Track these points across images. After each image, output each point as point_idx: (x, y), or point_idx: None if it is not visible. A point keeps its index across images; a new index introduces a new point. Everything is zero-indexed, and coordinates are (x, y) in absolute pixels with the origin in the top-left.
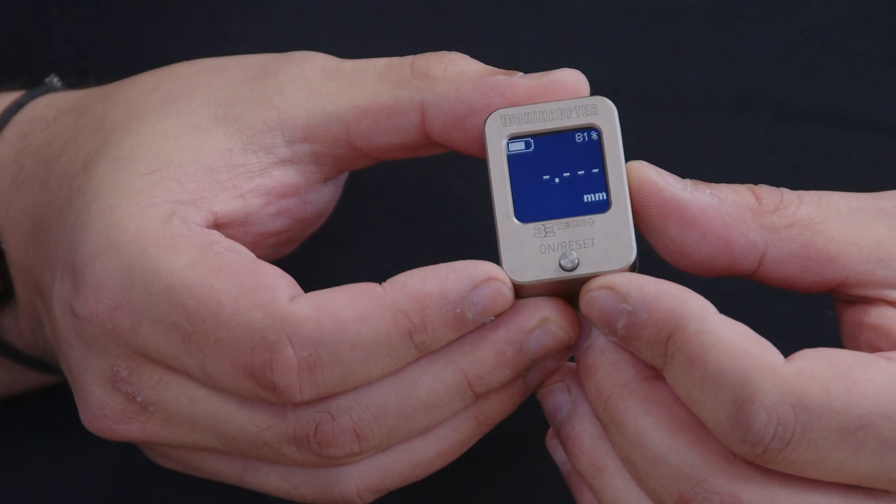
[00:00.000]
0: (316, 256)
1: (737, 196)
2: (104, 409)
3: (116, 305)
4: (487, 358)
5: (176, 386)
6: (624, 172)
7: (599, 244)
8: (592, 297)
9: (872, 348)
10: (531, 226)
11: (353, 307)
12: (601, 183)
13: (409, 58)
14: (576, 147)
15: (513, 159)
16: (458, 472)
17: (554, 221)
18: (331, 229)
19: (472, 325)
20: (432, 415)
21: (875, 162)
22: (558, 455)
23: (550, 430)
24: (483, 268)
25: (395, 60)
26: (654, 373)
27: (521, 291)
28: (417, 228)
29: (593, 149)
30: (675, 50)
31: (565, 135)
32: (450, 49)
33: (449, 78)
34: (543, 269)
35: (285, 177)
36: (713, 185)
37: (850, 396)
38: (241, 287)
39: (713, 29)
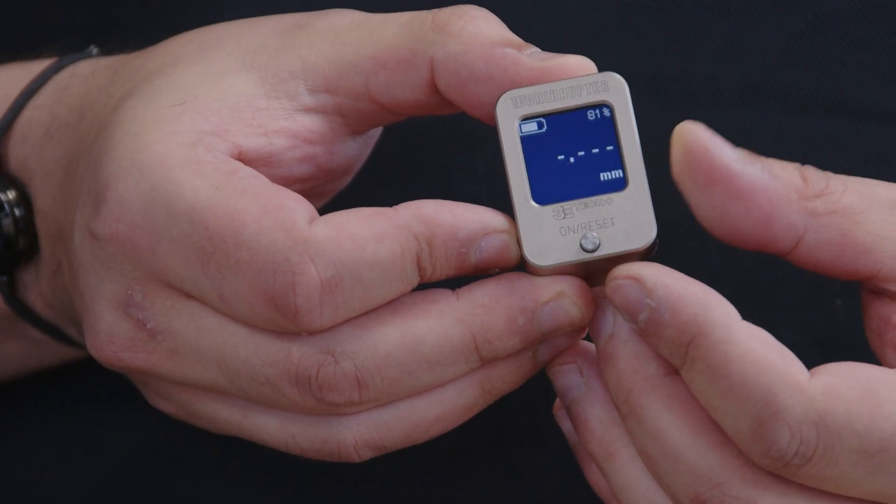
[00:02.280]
0: None
1: (785, 175)
2: (112, 336)
3: (136, 225)
4: (498, 323)
5: (187, 314)
6: (639, 148)
7: (619, 223)
8: (618, 285)
9: None
10: (549, 208)
11: (368, 226)
12: (617, 160)
13: (434, 10)
14: (589, 125)
15: (526, 141)
16: (462, 461)
17: (572, 202)
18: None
19: (472, 270)
20: (436, 372)
21: (883, 152)
22: (566, 425)
23: (557, 401)
24: (500, 217)
25: (421, 13)
26: (675, 369)
27: (541, 273)
28: None
29: (606, 125)
30: (682, 41)
31: (577, 113)
32: None
33: (462, 38)
34: (564, 251)
35: (311, 123)
36: (764, 159)
37: (873, 419)
38: (264, 207)
39: (720, 20)
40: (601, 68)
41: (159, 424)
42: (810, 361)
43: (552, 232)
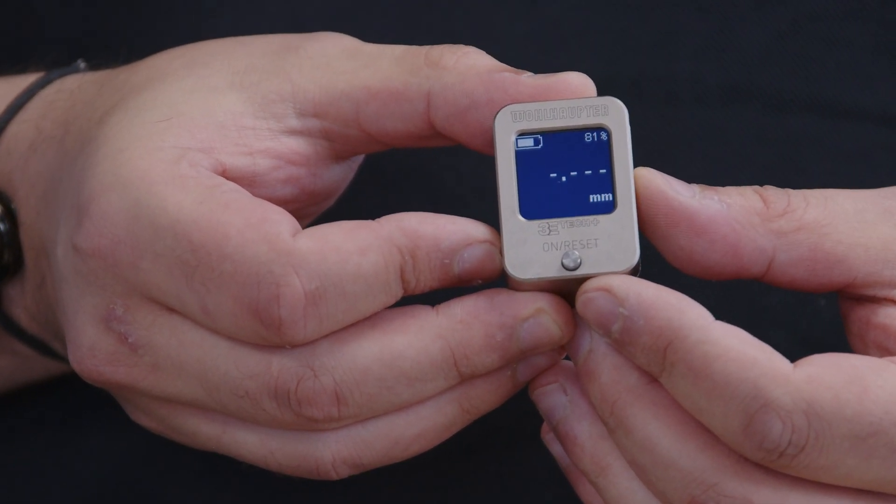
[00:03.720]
0: None
1: (745, 201)
2: (94, 350)
3: (119, 240)
4: (477, 338)
5: (169, 328)
6: (631, 175)
7: (603, 245)
8: (589, 298)
9: (880, 348)
10: (535, 223)
11: (352, 239)
12: (608, 184)
13: (427, 47)
14: (584, 147)
15: (521, 155)
16: (454, 463)
17: (558, 220)
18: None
19: (455, 282)
20: (415, 388)
21: (863, 151)
22: (556, 448)
23: (545, 425)
24: (482, 228)
25: (414, 48)
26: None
27: (521, 288)
28: None
29: (602, 149)
30: (664, 42)
31: (575, 134)
32: (445, 43)
33: (458, 70)
34: (545, 267)
35: (295, 145)
36: (720, 189)
37: (862, 403)
38: (247, 220)
39: (702, 20)
40: (585, 69)
41: (144, 435)
42: (797, 360)
43: (535, 247)
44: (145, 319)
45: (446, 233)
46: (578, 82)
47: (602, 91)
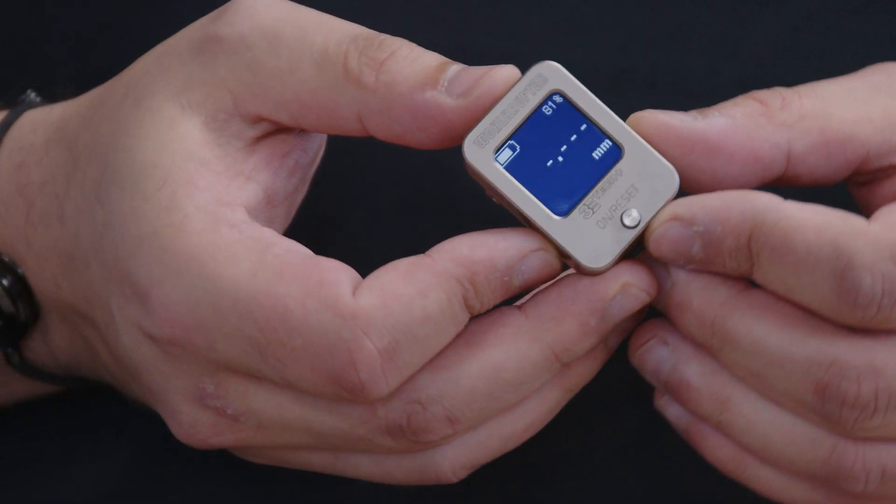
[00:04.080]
0: (323, 243)
1: (745, 108)
2: (196, 426)
3: (189, 327)
4: (572, 331)
5: (263, 394)
6: (610, 111)
7: (641, 185)
8: (660, 235)
9: None
10: (575, 213)
11: (410, 283)
12: (598, 133)
13: (343, 51)
14: (552, 119)
15: (511, 168)
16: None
17: (589, 196)
18: (337, 217)
19: (518, 292)
20: (521, 391)
21: None
22: (671, 411)
23: (657, 392)
24: (534, 239)
25: (331, 50)
26: (743, 284)
27: (604, 272)
28: (424, 215)
29: (567, 110)
30: (678, 36)
31: (536, 115)
32: (457, 39)
33: (381, 91)
34: (615, 241)
35: (271, 145)
36: (717, 106)
37: None
38: (304, 288)
39: (716, 14)
40: (599, 63)
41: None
42: None
43: (592, 232)
44: (237, 390)
45: (500, 252)
46: (503, 80)
47: (616, 85)
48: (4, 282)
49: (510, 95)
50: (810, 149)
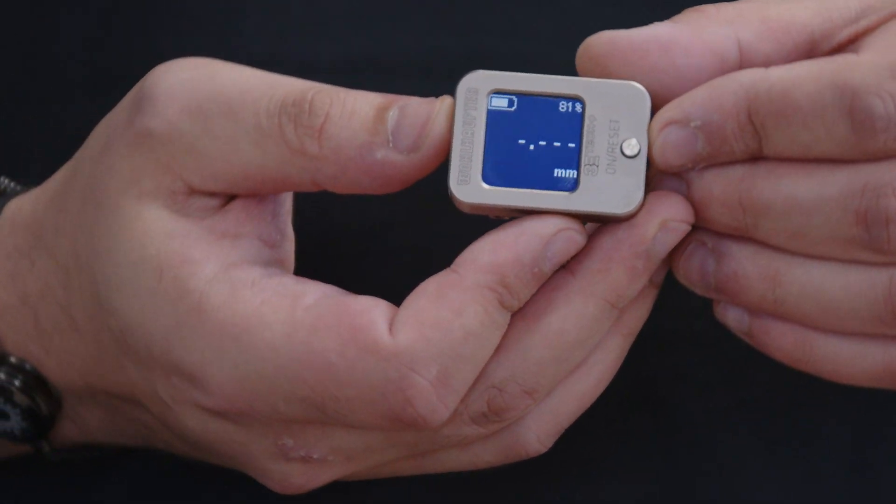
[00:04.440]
0: (338, 252)
1: (683, 16)
2: (289, 478)
3: (248, 399)
4: (621, 277)
5: (341, 433)
6: (548, 76)
7: (619, 115)
8: (662, 144)
9: None
10: (583, 178)
11: (443, 305)
12: (552, 101)
13: (276, 125)
14: (506, 116)
15: (504, 181)
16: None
17: (583, 155)
18: (351, 224)
19: (549, 274)
20: (586, 347)
21: None
22: (731, 316)
23: (714, 303)
24: (550, 221)
25: (264, 125)
26: (752, 159)
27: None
28: (441, 222)
29: (513, 100)
30: None
31: (491, 124)
32: (466, 42)
33: (330, 159)
34: (632, 176)
35: (242, 203)
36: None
37: None
38: (341, 339)
39: None
40: None
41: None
42: None
43: (608, 183)
44: (315, 437)
45: (523, 247)
46: (447, 112)
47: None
48: (17, 382)
49: (458, 125)
50: (757, 36)
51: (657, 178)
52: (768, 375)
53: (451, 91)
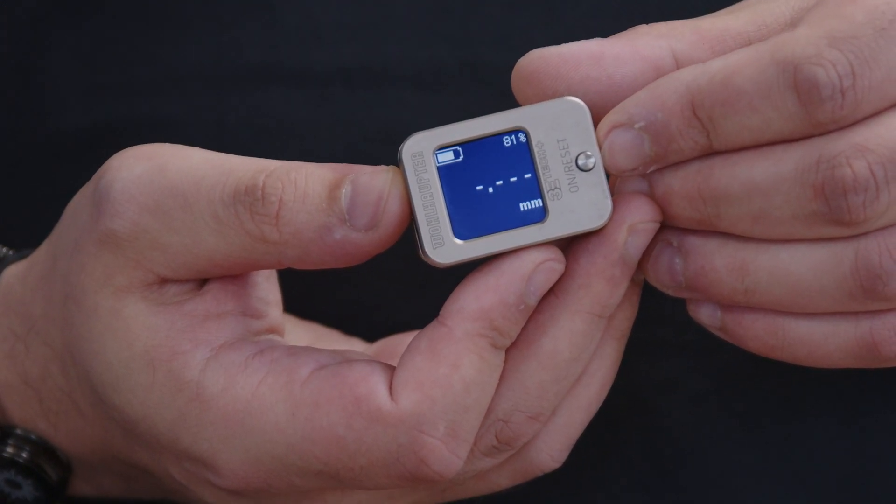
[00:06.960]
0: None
1: (615, 34)
2: None
3: (264, 478)
4: (603, 288)
5: (359, 493)
6: (483, 118)
7: (564, 132)
8: (609, 149)
9: None
10: (549, 205)
11: (439, 362)
12: (495, 139)
13: (233, 216)
14: (455, 168)
15: (476, 231)
16: None
17: (543, 182)
18: None
19: (535, 306)
20: (582, 361)
21: None
22: (704, 312)
23: (687, 302)
24: (528, 258)
25: (221, 216)
26: (705, 153)
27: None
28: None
29: (458, 151)
30: None
31: (445, 182)
32: (460, 54)
33: (290, 242)
34: (595, 189)
35: (219, 283)
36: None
37: (864, 4)
38: (345, 411)
39: None
40: None
41: None
42: None
43: (574, 202)
44: (336, 498)
45: (505, 288)
46: (401, 186)
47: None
48: (24, 454)
49: (414, 192)
50: (691, 45)
51: (620, 180)
52: (760, 385)
53: (444, 104)
